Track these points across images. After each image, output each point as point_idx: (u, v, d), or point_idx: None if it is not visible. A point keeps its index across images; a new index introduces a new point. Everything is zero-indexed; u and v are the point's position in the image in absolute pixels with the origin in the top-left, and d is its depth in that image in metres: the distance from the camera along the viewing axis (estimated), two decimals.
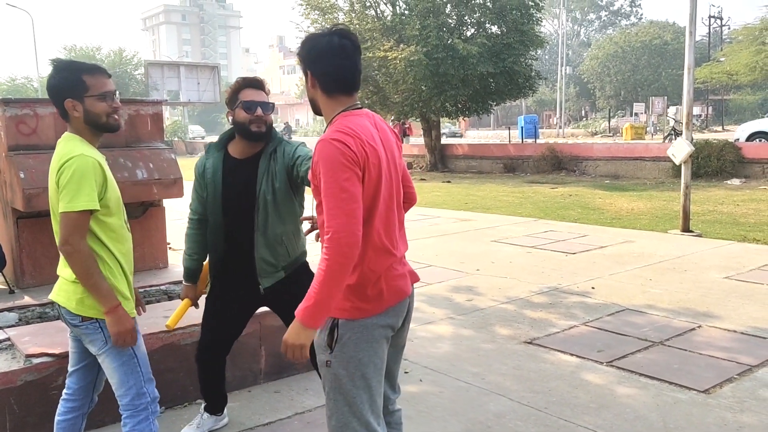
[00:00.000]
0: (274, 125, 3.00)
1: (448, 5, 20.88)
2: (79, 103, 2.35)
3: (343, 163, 1.92)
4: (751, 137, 18.03)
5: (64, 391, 2.60)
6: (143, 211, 4.71)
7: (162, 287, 4.46)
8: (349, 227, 1.89)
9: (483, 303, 5.54)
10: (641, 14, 75.58)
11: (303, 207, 3.02)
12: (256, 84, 2.93)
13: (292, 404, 3.58)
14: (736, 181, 14.66)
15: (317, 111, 2.17)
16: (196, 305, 3.18)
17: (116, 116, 2.43)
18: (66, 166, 2.26)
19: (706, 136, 24.36)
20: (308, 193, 2.79)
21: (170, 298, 4.37)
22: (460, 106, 21.69)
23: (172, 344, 3.51)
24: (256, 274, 2.93)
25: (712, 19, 44.66)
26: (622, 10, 74.81)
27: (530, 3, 20.65)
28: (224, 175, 2.93)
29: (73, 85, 2.34)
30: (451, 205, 12.48)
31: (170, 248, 5.39)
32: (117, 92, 2.46)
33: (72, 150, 2.30)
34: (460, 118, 29.94)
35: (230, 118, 2.91)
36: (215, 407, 3.29)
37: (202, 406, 3.31)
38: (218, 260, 3.02)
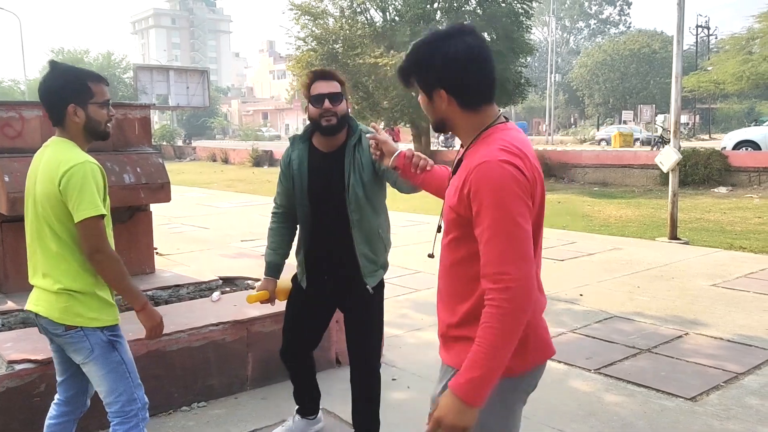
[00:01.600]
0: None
1: (439, 12, 20.97)
2: (81, 109, 2.33)
3: (516, 193, 1.57)
4: (738, 146, 18.25)
5: (56, 397, 2.56)
6: (130, 216, 4.68)
7: (149, 293, 4.41)
8: (528, 274, 1.54)
9: None
10: (630, 23, 76.33)
11: (386, 196, 2.93)
12: (326, 75, 2.79)
13: (279, 411, 3.54)
14: (723, 189, 14.76)
15: (441, 129, 1.79)
16: (272, 302, 3.08)
17: (110, 124, 2.43)
18: (72, 173, 2.22)
19: (694, 144, 24.57)
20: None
21: (156, 304, 4.32)
22: None
23: (157, 351, 3.47)
24: (348, 271, 2.82)
25: (700, 29, 45.10)
26: (611, 19, 75.62)
27: (520, 10, 20.78)
28: (310, 167, 2.84)
29: (79, 90, 2.32)
30: (440, 211, 12.46)
31: (157, 253, 5.34)
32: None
33: (74, 157, 2.27)
34: None
35: (308, 113, 2.83)
36: (306, 409, 3.23)
37: (295, 409, 3.26)
38: (308, 253, 2.92)
